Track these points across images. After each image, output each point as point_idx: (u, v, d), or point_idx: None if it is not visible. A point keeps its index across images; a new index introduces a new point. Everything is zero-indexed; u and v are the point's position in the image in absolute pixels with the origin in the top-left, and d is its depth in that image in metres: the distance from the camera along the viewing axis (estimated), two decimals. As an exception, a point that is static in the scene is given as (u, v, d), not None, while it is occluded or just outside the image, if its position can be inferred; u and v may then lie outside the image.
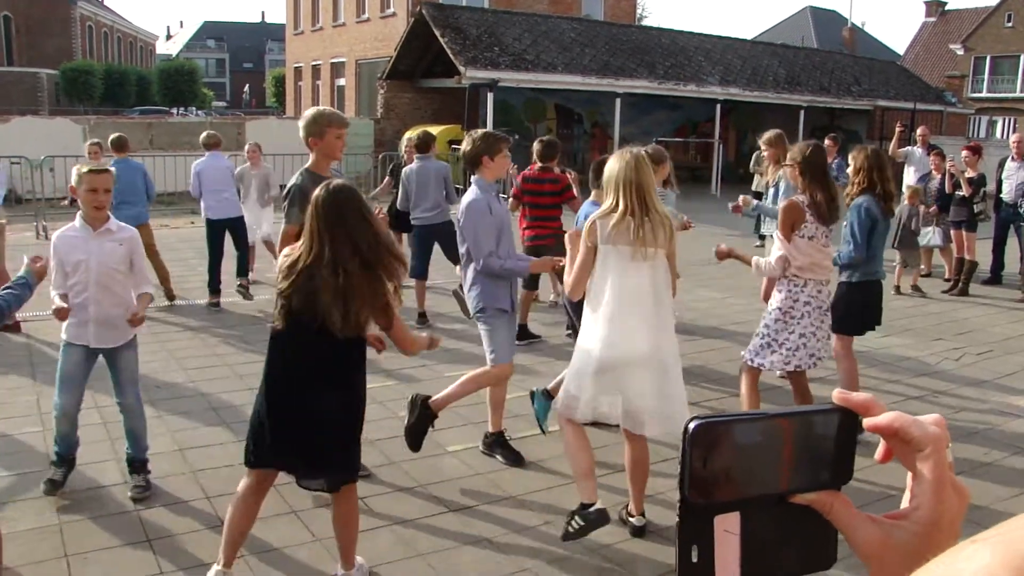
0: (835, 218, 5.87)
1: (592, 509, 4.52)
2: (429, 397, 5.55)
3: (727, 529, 0.77)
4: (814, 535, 0.79)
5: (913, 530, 0.74)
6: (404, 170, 9.77)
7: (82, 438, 5.88)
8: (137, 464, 5.26)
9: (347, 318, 3.75)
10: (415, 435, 5.49)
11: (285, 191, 5.31)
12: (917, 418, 0.76)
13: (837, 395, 0.79)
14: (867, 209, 6.17)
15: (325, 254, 3.74)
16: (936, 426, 0.75)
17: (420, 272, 9.51)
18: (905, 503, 0.76)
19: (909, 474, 0.77)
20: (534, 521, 4.98)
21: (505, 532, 4.86)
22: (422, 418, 5.51)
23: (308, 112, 5.42)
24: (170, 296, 10.04)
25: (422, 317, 9.36)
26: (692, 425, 0.75)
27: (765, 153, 8.53)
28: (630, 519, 4.88)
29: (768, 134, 8.44)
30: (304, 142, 5.25)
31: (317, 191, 3.89)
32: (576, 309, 5.80)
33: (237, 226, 10.14)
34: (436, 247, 9.47)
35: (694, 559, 0.76)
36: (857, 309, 6.41)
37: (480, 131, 5.85)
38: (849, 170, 6.46)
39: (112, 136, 10.04)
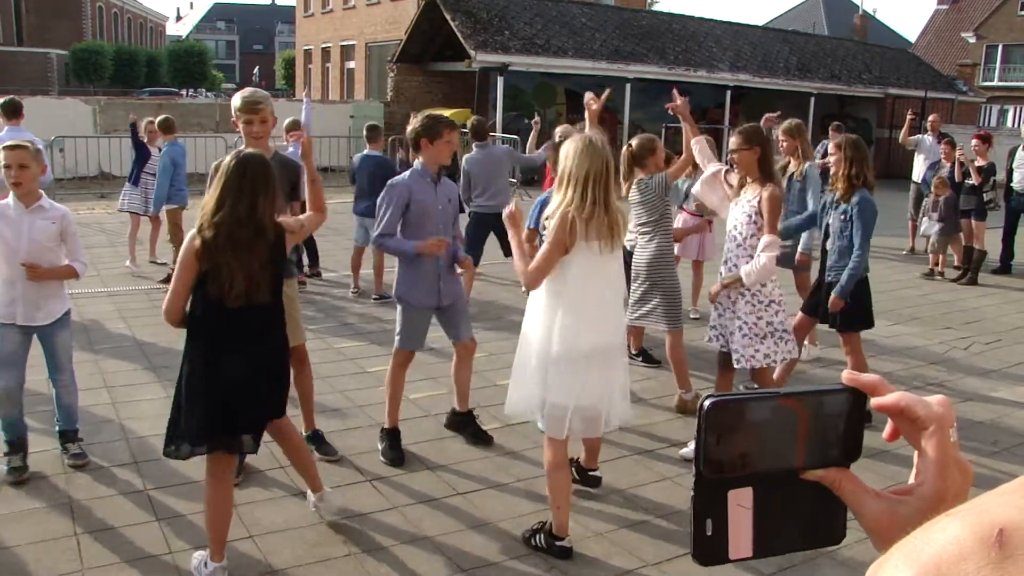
0: None
1: (561, 544, 4.45)
2: (382, 428, 5.65)
3: (740, 504, 0.80)
4: (824, 511, 0.82)
5: (917, 505, 0.77)
6: (466, 158, 9.47)
7: (92, 418, 5.95)
8: (70, 434, 5.37)
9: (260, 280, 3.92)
10: (393, 456, 5.53)
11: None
12: (922, 398, 0.78)
13: (847, 376, 0.82)
14: (874, 205, 6.12)
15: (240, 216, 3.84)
16: (940, 406, 0.78)
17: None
18: (912, 480, 0.79)
19: (915, 452, 0.79)
20: (540, 506, 4.99)
21: (511, 516, 4.87)
22: (388, 439, 5.61)
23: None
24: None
25: None
26: (707, 403, 0.78)
27: (784, 144, 7.80)
28: (591, 473, 5.13)
29: (788, 123, 7.84)
30: None
31: (227, 159, 3.97)
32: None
33: None
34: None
35: (708, 532, 0.79)
36: (867, 303, 6.44)
37: (425, 112, 5.68)
38: (832, 159, 6.28)
39: (160, 117, 10.37)
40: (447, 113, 17.76)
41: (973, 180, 12.10)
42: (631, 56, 25.42)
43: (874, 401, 0.80)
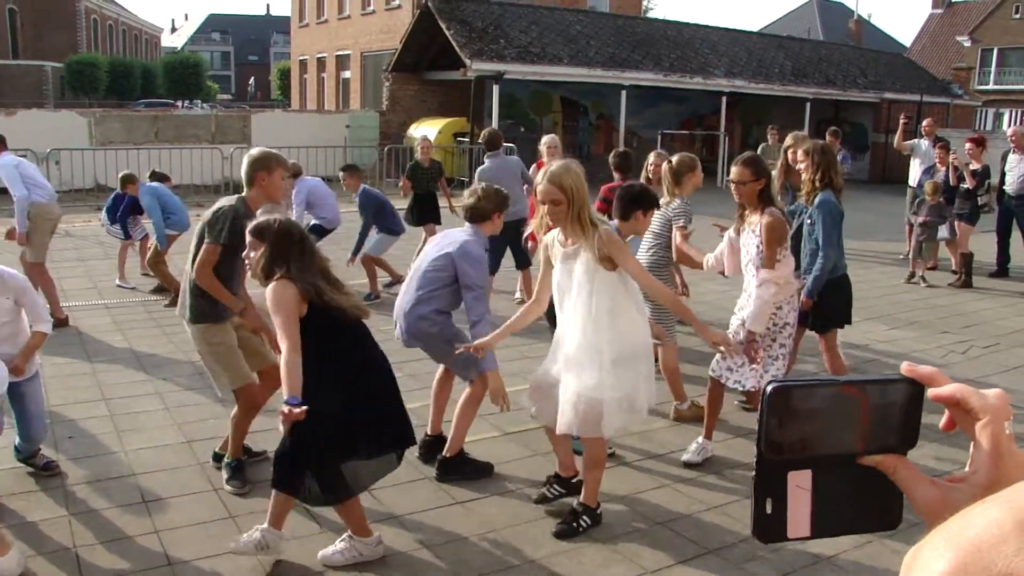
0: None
1: (600, 511, 4.86)
2: (443, 456, 5.49)
3: (799, 485, 0.83)
4: (880, 496, 0.85)
5: (970, 493, 0.78)
6: (480, 170, 9.48)
7: (90, 430, 5.95)
8: (36, 452, 5.35)
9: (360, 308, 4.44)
10: (475, 471, 5.47)
11: (215, 210, 5.10)
12: (978, 390, 0.81)
13: (905, 367, 0.85)
14: (835, 205, 6.18)
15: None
16: (996, 398, 0.80)
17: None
18: (967, 468, 0.81)
19: (971, 442, 0.81)
20: (542, 512, 5.00)
21: (513, 524, 4.87)
22: (458, 466, 5.47)
23: (257, 150, 5.34)
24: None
25: None
26: (770, 388, 0.81)
27: (802, 165, 6.60)
28: (573, 481, 5.13)
29: (811, 144, 6.64)
30: (249, 177, 5.15)
31: (281, 222, 4.35)
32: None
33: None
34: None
35: (768, 511, 0.83)
36: (844, 303, 6.51)
37: (489, 188, 5.54)
38: (801, 165, 6.33)
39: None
40: (442, 122, 17.59)
41: (968, 184, 12.12)
42: (627, 63, 25.46)
43: (931, 392, 0.83)
